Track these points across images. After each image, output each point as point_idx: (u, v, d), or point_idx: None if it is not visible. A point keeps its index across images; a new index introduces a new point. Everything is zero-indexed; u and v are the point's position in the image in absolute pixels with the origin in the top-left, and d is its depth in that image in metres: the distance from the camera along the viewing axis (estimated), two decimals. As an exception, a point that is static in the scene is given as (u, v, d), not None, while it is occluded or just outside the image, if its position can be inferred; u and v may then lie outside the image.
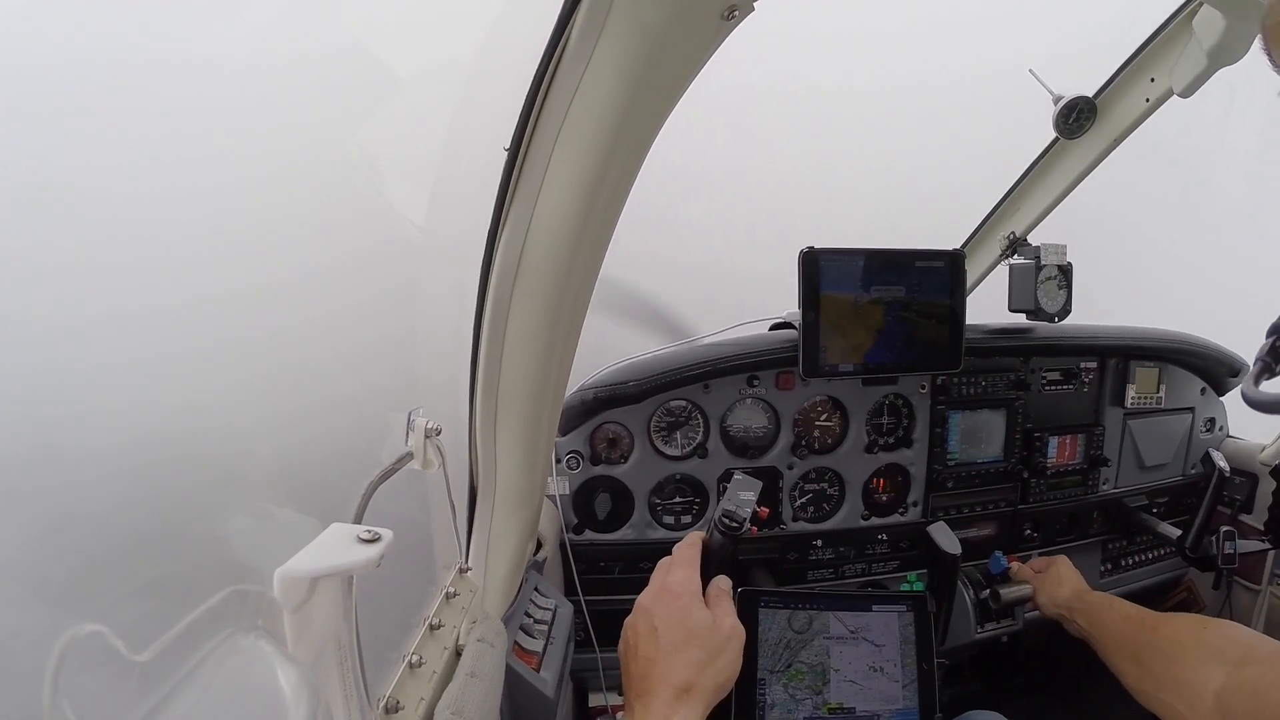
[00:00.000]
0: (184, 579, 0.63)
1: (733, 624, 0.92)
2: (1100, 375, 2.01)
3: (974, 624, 1.77)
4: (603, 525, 1.71)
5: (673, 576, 0.95)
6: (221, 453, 0.71)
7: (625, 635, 0.93)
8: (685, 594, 0.92)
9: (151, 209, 0.62)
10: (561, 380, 1.12)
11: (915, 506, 1.88)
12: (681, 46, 0.76)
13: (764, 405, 1.76)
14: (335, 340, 0.87)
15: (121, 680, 0.50)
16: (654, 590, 0.95)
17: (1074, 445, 1.97)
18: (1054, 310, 1.87)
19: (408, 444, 0.89)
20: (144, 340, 0.61)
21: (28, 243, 0.53)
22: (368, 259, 0.95)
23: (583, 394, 1.62)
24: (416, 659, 0.87)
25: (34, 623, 0.50)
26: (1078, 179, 1.75)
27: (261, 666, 0.60)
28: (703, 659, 0.87)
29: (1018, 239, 1.93)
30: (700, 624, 0.90)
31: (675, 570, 0.96)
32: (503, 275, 0.93)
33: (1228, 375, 2.12)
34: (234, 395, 0.71)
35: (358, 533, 0.64)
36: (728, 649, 0.90)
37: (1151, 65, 1.48)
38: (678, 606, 0.91)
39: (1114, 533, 2.06)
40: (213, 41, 0.66)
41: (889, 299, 1.66)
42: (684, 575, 0.95)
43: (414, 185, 1.02)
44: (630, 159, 0.86)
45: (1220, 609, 2.09)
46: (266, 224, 0.74)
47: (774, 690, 1.47)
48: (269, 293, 0.75)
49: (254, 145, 0.71)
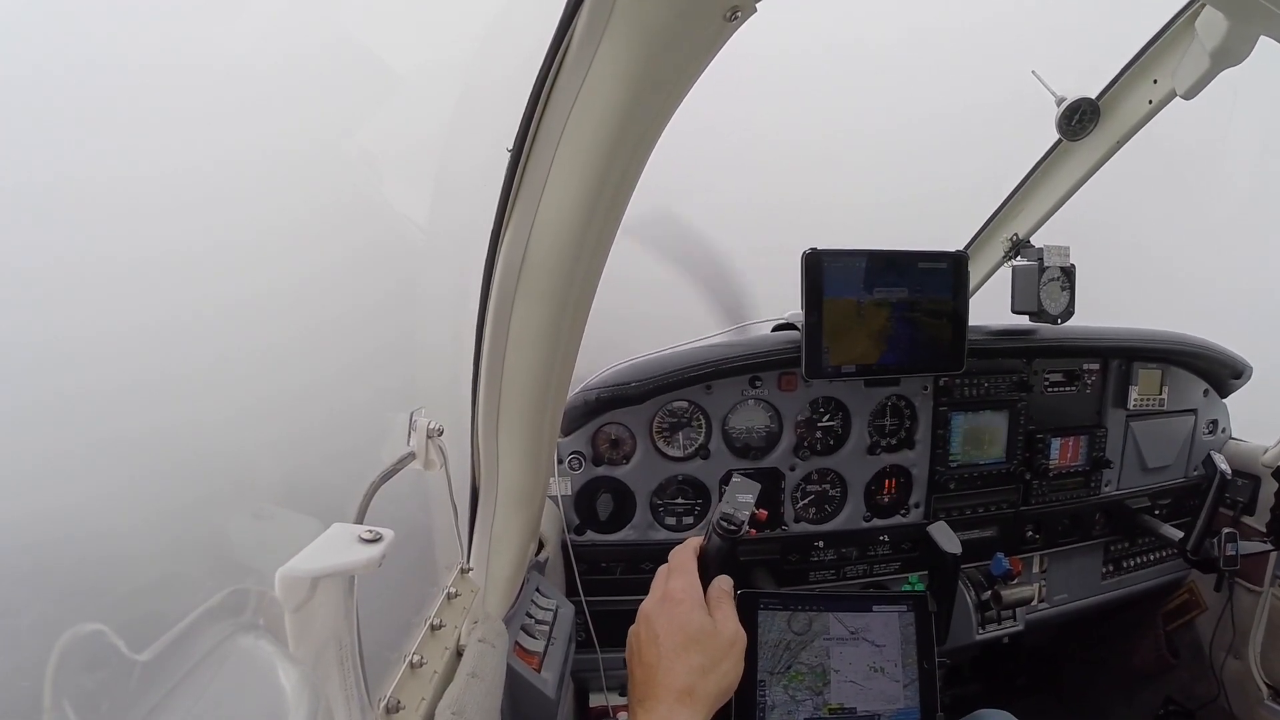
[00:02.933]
0: (185, 579, 0.63)
1: (734, 629, 0.93)
2: (1103, 377, 2.01)
3: (976, 625, 1.77)
4: (604, 526, 1.71)
5: (673, 583, 0.96)
6: (223, 453, 0.71)
7: (630, 642, 0.95)
8: (686, 600, 0.93)
9: (152, 217, 0.61)
10: (564, 380, 1.12)
11: (917, 508, 1.87)
12: (684, 47, 0.75)
13: (766, 406, 1.76)
14: (337, 341, 0.87)
15: (122, 680, 0.50)
16: (655, 597, 0.96)
17: (1076, 447, 1.97)
18: (1057, 312, 1.87)
19: (410, 444, 0.89)
20: (145, 344, 0.61)
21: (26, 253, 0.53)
22: (370, 260, 0.95)
23: (585, 394, 1.62)
24: (418, 659, 0.87)
25: (34, 623, 0.50)
26: (1081, 181, 1.74)
27: (262, 666, 0.60)
28: (704, 664, 0.88)
29: (1021, 241, 1.93)
30: (701, 629, 0.91)
31: (674, 577, 0.97)
32: (505, 275, 0.93)
33: (1230, 377, 2.12)
34: (237, 397, 0.71)
35: (359, 533, 0.64)
36: (730, 654, 0.91)
37: (1154, 67, 1.47)
38: (679, 612, 0.92)
39: (1116, 534, 2.06)
40: (211, 44, 0.65)
41: (892, 300, 1.66)
42: (683, 581, 0.96)
43: (416, 186, 1.02)
44: (633, 159, 0.86)
45: (1222, 611, 2.09)
46: (268, 227, 0.74)
47: (774, 692, 1.47)
48: (270, 295, 0.75)
49: (256, 149, 0.71)
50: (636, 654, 0.93)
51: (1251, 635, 2.01)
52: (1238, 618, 2.06)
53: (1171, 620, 2.27)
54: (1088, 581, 2.04)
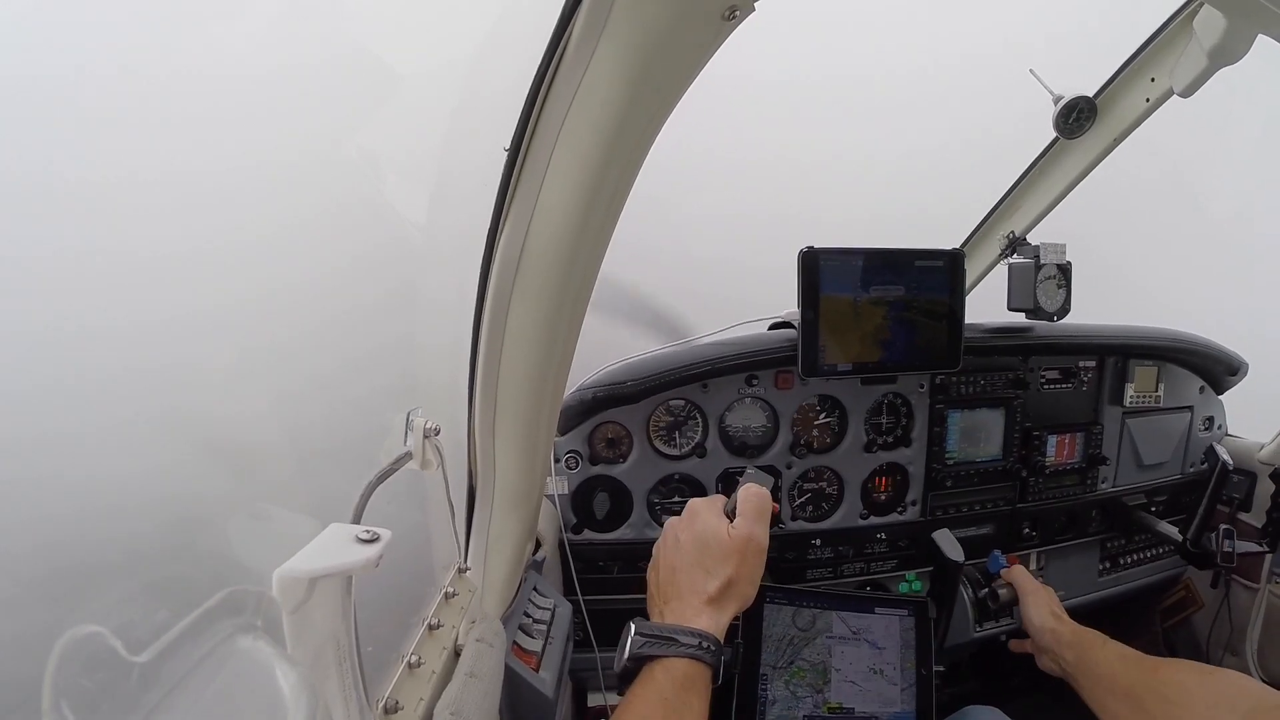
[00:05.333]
0: (183, 580, 0.63)
1: (748, 530, 1.02)
2: (1099, 374, 2.01)
3: (972, 623, 1.78)
4: (601, 525, 1.71)
5: (695, 502, 1.09)
6: (221, 454, 0.70)
7: (653, 558, 1.08)
8: (705, 511, 1.06)
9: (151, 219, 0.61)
10: (561, 379, 1.12)
11: (914, 505, 1.88)
12: (682, 47, 0.75)
13: (763, 405, 1.76)
14: (334, 341, 0.87)
15: (121, 681, 0.50)
16: (681, 515, 1.08)
17: (1073, 444, 1.97)
18: (1053, 309, 1.87)
19: (406, 444, 0.89)
20: (143, 345, 0.61)
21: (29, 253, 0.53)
22: (366, 260, 0.94)
23: (581, 393, 1.62)
24: (415, 659, 0.87)
25: (34, 623, 0.50)
26: (1077, 179, 1.75)
27: (260, 667, 0.60)
28: (720, 564, 0.98)
29: (1017, 238, 1.93)
30: (715, 532, 1.01)
31: (699, 500, 1.10)
32: (502, 275, 0.93)
33: (1226, 374, 2.13)
34: (234, 397, 0.71)
35: (356, 533, 0.64)
36: (742, 554, 1.00)
37: (1152, 65, 1.48)
38: (699, 519, 1.04)
39: (1112, 531, 2.06)
40: (209, 46, 0.65)
41: (888, 298, 1.66)
42: (706, 500, 1.09)
43: (413, 185, 1.02)
44: (631, 159, 0.86)
45: (1218, 607, 2.09)
46: (266, 229, 0.74)
47: (775, 687, 1.47)
48: (268, 296, 0.74)
49: (255, 151, 0.71)
50: (657, 561, 1.06)
51: (1248, 632, 2.02)
52: (1234, 614, 2.07)
53: (1168, 617, 2.28)
54: (1084, 578, 2.04)
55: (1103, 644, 1.34)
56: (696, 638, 0.90)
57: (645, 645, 0.90)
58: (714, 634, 0.93)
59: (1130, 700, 1.19)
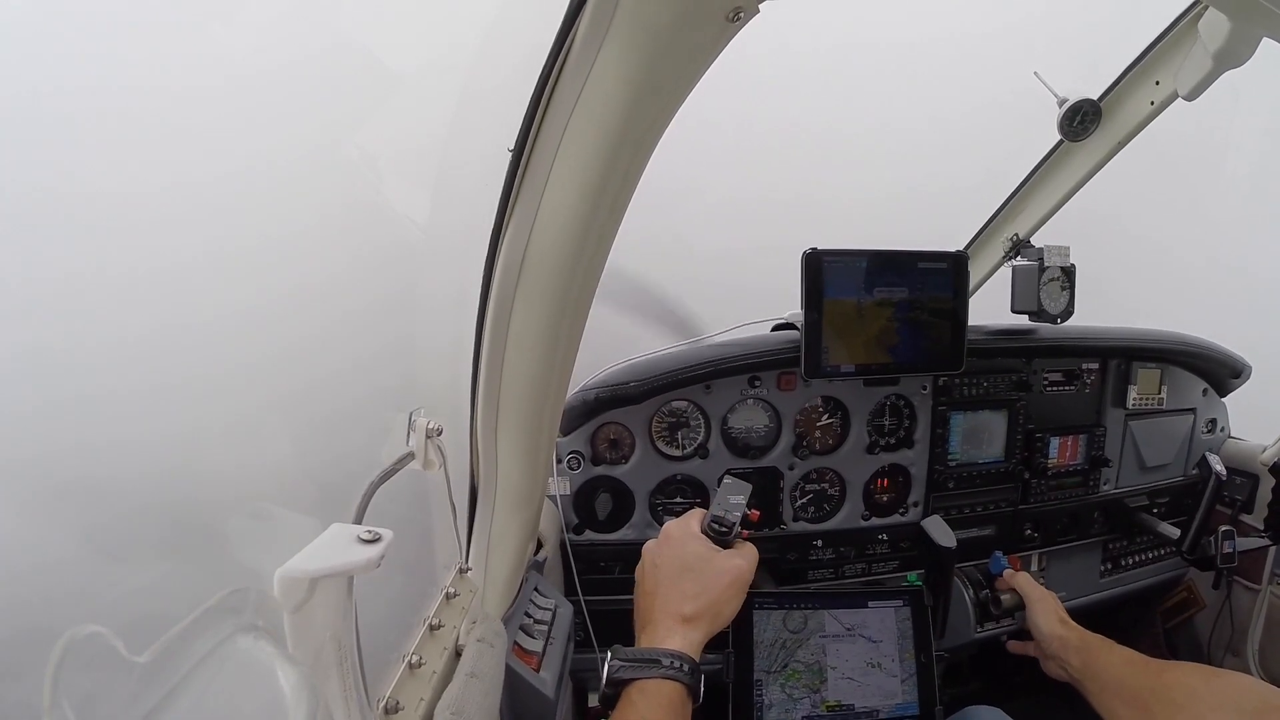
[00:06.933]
0: (184, 579, 0.63)
1: (727, 556, 1.04)
2: (1102, 376, 2.01)
3: (974, 623, 1.77)
4: (603, 525, 1.71)
5: (671, 525, 1.11)
6: (223, 454, 0.70)
7: (636, 577, 1.09)
8: (681, 535, 1.07)
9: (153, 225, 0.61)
10: (563, 380, 1.12)
11: (916, 507, 1.87)
12: (686, 48, 0.75)
13: (765, 406, 1.76)
14: (337, 342, 0.87)
15: (121, 680, 0.50)
16: (657, 539, 1.10)
17: (1075, 446, 1.97)
18: (1056, 312, 1.87)
19: (409, 444, 0.89)
20: (144, 347, 0.61)
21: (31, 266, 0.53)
22: (369, 261, 0.94)
23: (584, 394, 1.62)
24: (416, 659, 0.87)
25: (34, 623, 0.50)
26: (1082, 181, 1.74)
27: (261, 667, 0.60)
28: (698, 590, 1.00)
29: (1021, 241, 1.93)
30: (697, 557, 1.04)
31: (673, 523, 1.12)
32: (505, 275, 0.93)
33: (1229, 377, 2.12)
34: (236, 398, 0.71)
35: (358, 533, 0.64)
36: (723, 581, 1.02)
37: (1156, 68, 1.47)
38: (675, 545, 1.06)
39: (1114, 533, 2.06)
40: (210, 49, 0.65)
41: (893, 300, 1.65)
42: (681, 523, 1.11)
43: (416, 186, 1.02)
44: (635, 160, 0.86)
45: (1220, 608, 2.09)
46: (269, 231, 0.74)
47: (771, 690, 1.47)
48: (271, 297, 0.74)
49: (255, 153, 0.71)
50: (639, 585, 1.07)
51: (1250, 633, 2.02)
52: (1236, 615, 2.06)
53: (1170, 618, 2.28)
54: (1086, 580, 2.04)
55: (1109, 649, 1.34)
56: (670, 658, 0.91)
57: (621, 669, 0.91)
58: (688, 653, 0.93)
59: (1137, 704, 1.19)
